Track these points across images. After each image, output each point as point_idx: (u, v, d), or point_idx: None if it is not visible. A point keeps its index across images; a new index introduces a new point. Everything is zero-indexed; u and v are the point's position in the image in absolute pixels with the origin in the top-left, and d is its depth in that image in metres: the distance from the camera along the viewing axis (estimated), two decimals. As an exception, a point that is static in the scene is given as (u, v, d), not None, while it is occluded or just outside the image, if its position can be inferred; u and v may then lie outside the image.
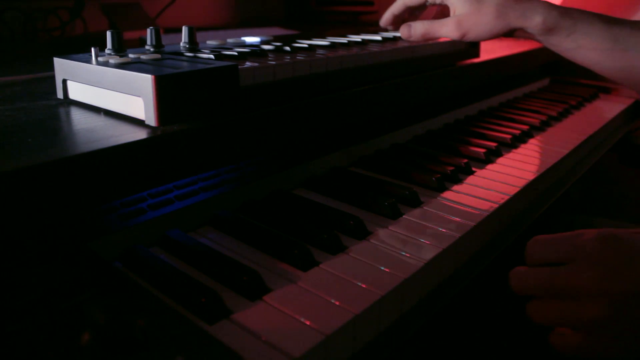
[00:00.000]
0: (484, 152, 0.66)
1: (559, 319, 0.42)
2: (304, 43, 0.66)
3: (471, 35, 0.67)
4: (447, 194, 0.55)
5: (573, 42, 0.65)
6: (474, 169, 0.63)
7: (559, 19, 0.64)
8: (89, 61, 0.47)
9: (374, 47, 0.67)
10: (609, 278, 0.40)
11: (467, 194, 0.55)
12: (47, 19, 0.89)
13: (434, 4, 0.73)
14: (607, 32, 0.63)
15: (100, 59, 0.47)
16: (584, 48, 0.65)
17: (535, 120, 0.85)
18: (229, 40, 0.65)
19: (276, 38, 0.71)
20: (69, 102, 0.50)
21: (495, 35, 0.68)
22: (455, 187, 0.57)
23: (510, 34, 0.68)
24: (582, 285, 0.41)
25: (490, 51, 0.92)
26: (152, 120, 0.42)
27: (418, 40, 0.70)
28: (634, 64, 0.63)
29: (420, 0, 0.72)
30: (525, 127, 0.80)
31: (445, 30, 0.67)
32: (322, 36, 0.74)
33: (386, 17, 0.77)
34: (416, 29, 0.69)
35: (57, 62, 0.50)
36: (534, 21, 0.64)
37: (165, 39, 0.55)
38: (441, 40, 0.78)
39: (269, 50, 0.59)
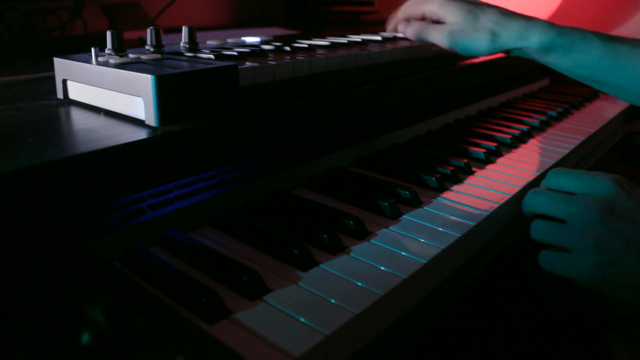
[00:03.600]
0: (484, 152, 0.66)
1: (559, 238, 0.46)
2: (304, 43, 0.66)
3: (460, 49, 0.67)
4: (447, 194, 0.55)
5: (571, 60, 0.64)
6: (474, 169, 0.63)
7: (556, 38, 0.63)
8: (89, 61, 0.47)
9: (374, 47, 0.67)
10: (618, 215, 0.43)
11: (467, 194, 0.55)
12: (47, 19, 0.89)
13: (431, 18, 0.72)
14: (605, 50, 0.63)
15: (100, 59, 0.47)
16: (582, 66, 0.65)
17: (535, 120, 0.85)
18: (229, 40, 0.65)
19: (276, 38, 0.71)
20: (69, 102, 0.50)
21: (487, 54, 0.67)
22: (455, 187, 0.57)
23: (504, 52, 0.68)
24: (591, 216, 0.44)
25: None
26: (152, 120, 0.42)
27: (412, 39, 0.70)
28: (633, 81, 0.63)
29: (419, 14, 0.72)
30: (525, 127, 0.80)
31: (437, 37, 0.67)
32: (322, 36, 0.74)
33: (391, 25, 0.78)
34: (411, 28, 0.69)
35: (57, 62, 0.50)
36: (531, 42, 0.64)
37: (165, 39, 0.55)
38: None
39: (269, 50, 0.59)
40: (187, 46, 0.55)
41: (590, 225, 0.44)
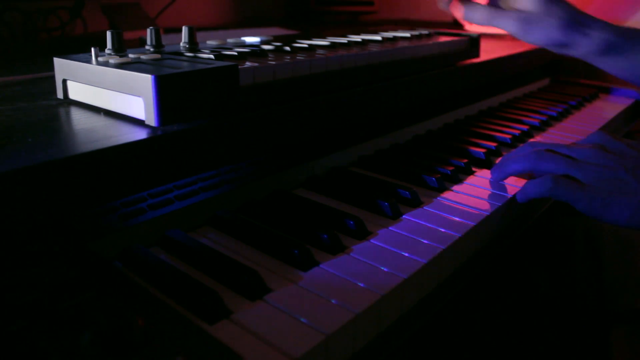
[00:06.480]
0: (484, 152, 0.66)
1: (565, 169, 0.50)
2: (304, 43, 0.66)
3: (530, 38, 0.64)
4: (447, 194, 0.55)
5: (630, 61, 0.64)
6: (474, 169, 0.63)
7: (619, 38, 0.62)
8: (89, 61, 0.47)
9: (374, 47, 0.67)
10: (611, 151, 0.51)
11: (467, 194, 0.55)
12: (47, 19, 0.89)
13: None
14: None
15: (100, 59, 0.47)
16: (638, 67, 0.64)
17: (535, 120, 0.85)
18: (229, 40, 0.65)
19: (276, 38, 0.71)
20: (69, 102, 0.50)
21: (550, 45, 0.65)
22: (455, 187, 0.57)
23: (559, 49, 0.66)
24: (590, 153, 0.51)
25: (490, 51, 0.92)
26: (152, 120, 0.42)
27: (476, 23, 0.66)
28: None
29: None
30: (525, 127, 0.80)
31: (508, 24, 0.64)
32: (322, 36, 0.74)
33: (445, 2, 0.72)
34: (475, 13, 0.65)
35: (57, 62, 0.50)
36: (596, 40, 0.63)
37: (165, 39, 0.55)
38: (441, 39, 0.78)
39: (269, 50, 0.59)
40: (187, 46, 0.55)
41: (590, 158, 0.50)
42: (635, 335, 0.67)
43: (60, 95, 0.50)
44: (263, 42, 0.66)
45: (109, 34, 0.50)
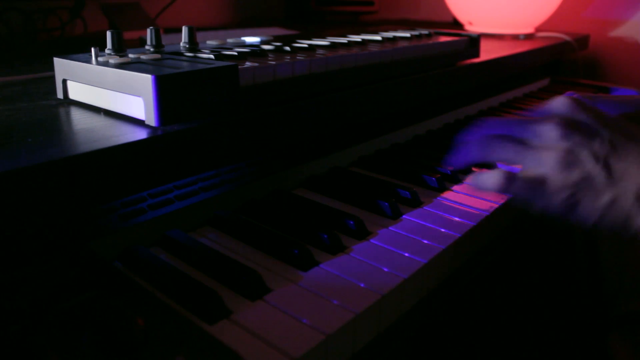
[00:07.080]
0: (484, 152, 0.66)
1: (519, 160, 0.41)
2: (304, 43, 0.65)
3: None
4: (447, 194, 0.55)
5: None
6: (474, 169, 0.63)
7: None
8: (89, 61, 0.47)
9: (374, 47, 0.67)
10: (577, 128, 0.39)
11: (467, 194, 0.55)
12: (47, 19, 0.89)
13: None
14: None
15: (100, 59, 0.47)
16: None
17: (535, 120, 0.85)
18: (229, 40, 0.65)
19: (276, 38, 0.71)
20: (69, 102, 0.50)
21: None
22: (455, 187, 0.57)
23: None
24: (550, 132, 0.39)
25: (490, 51, 0.92)
26: (152, 120, 0.42)
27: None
28: None
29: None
30: (525, 127, 0.80)
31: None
32: (322, 36, 0.74)
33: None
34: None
35: (57, 62, 0.50)
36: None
37: (165, 39, 0.55)
38: (441, 39, 0.78)
39: (269, 50, 0.59)
40: (187, 46, 0.55)
41: (550, 140, 0.39)
42: (634, 338, 0.67)
43: (60, 95, 0.50)
44: (263, 42, 0.66)
45: (109, 34, 0.50)
